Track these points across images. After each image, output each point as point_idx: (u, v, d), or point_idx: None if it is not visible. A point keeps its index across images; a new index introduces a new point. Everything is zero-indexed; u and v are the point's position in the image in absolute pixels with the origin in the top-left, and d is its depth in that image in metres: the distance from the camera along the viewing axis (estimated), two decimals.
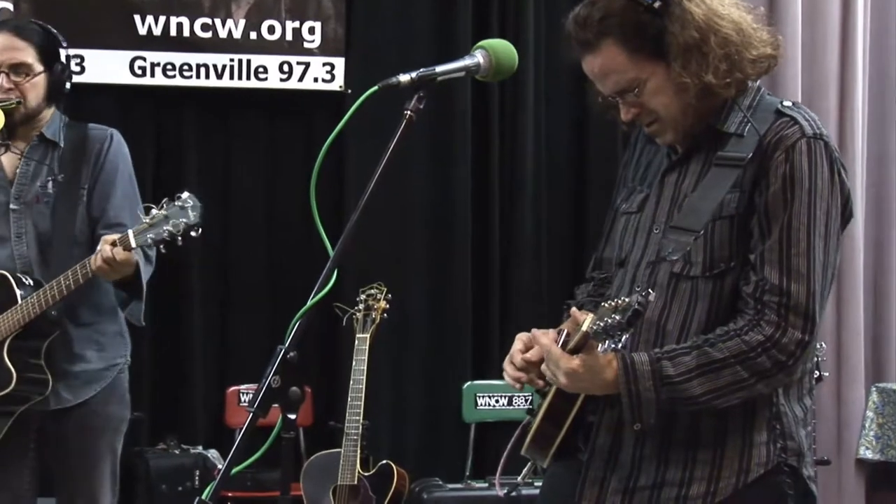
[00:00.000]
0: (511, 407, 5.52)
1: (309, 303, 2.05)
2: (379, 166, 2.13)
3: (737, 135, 2.29)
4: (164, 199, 3.24)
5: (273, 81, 5.60)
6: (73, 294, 3.38)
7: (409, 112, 2.16)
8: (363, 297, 4.96)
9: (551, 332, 2.38)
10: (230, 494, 5.14)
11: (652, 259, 2.34)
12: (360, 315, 4.91)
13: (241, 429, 2.01)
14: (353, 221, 2.11)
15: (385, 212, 5.54)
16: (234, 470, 2.01)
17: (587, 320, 2.18)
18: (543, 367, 2.28)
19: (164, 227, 3.21)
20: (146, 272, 3.47)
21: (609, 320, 2.07)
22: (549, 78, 5.90)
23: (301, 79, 5.63)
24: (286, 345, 2.04)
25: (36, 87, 3.52)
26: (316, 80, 5.64)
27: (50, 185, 3.53)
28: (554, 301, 5.66)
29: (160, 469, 5.17)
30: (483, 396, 5.55)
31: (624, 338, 2.12)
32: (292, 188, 5.67)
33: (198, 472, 5.19)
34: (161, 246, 3.26)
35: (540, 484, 2.61)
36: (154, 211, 3.23)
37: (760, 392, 2.24)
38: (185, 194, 3.23)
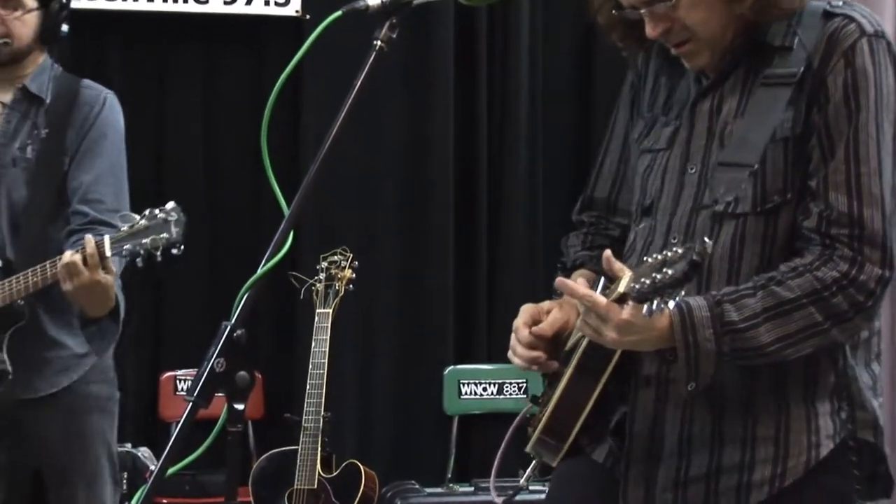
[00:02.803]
0: (501, 396, 5.54)
1: (259, 271, 2.05)
2: (343, 107, 2.12)
3: (783, 48, 2.27)
4: (148, 209, 3.33)
5: (215, 5, 5.58)
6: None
7: (379, 42, 2.15)
8: (324, 264, 4.96)
9: (582, 281, 2.36)
10: (165, 501, 5.16)
11: (691, 203, 2.32)
12: (320, 286, 4.92)
13: (179, 422, 2.02)
14: (313, 173, 2.11)
15: (351, 162, 5.54)
16: (170, 471, 2.01)
17: (625, 279, 2.15)
18: (580, 323, 2.25)
19: (143, 240, 3.31)
20: (122, 304, 3.53)
21: (659, 276, 2.02)
22: (546, 0, 5.90)
23: (249, 1, 5.60)
24: (232, 321, 2.04)
25: (26, 25, 3.61)
26: (267, 3, 5.62)
27: (29, 147, 3.60)
28: (552, 268, 5.66)
29: None
30: (468, 384, 5.57)
31: (675, 305, 2.08)
32: (239, 134, 5.65)
33: (126, 474, 5.19)
34: (137, 260, 3.36)
35: (541, 488, 2.61)
36: (136, 219, 3.32)
37: (835, 340, 2.23)
38: (171, 205, 3.34)
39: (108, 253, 3.30)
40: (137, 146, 5.60)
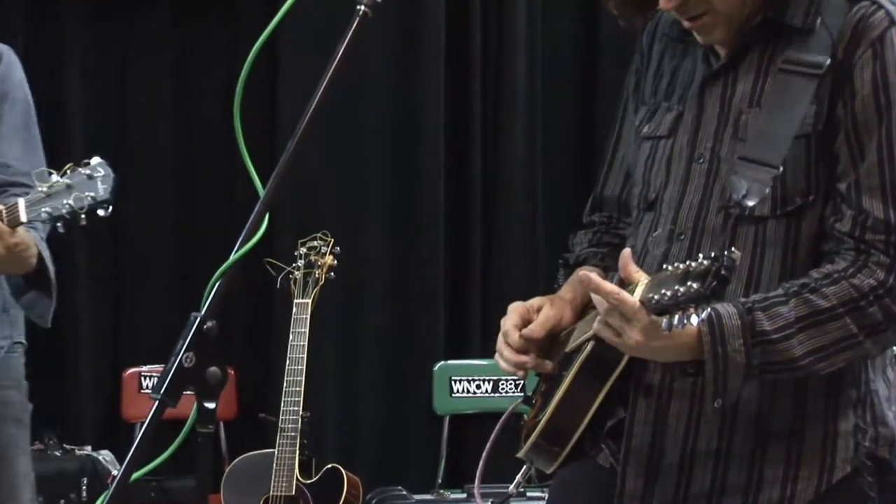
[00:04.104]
0: (496, 394, 5.54)
1: (232, 258, 2.05)
2: (323, 79, 2.12)
3: (804, 30, 2.26)
4: (69, 165, 3.22)
5: None
6: None
7: (362, 7, 2.15)
8: (303, 250, 4.96)
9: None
10: None
11: (700, 197, 2.31)
12: (298, 274, 4.91)
13: (143, 422, 2.02)
14: (290, 151, 2.10)
15: (332, 139, 5.53)
16: (134, 476, 2.01)
17: (640, 287, 2.13)
18: (598, 325, 2.22)
19: (65, 201, 3.18)
20: (46, 254, 3.45)
21: (682, 290, 1.99)
22: None
23: None
24: (202, 312, 2.04)
25: None
26: None
27: None
28: (553, 257, 5.66)
29: (37, 475, 5.16)
30: (460, 381, 5.57)
31: (705, 313, 2.03)
32: (210, 110, 5.65)
33: (86, 480, 5.20)
34: (59, 224, 3.24)
35: (535, 495, 2.62)
36: (54, 177, 3.20)
37: (867, 353, 2.24)
38: (96, 160, 3.23)
39: (23, 218, 3.18)
40: (100, 124, 5.65)
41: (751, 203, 2.23)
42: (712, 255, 1.98)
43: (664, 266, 2.09)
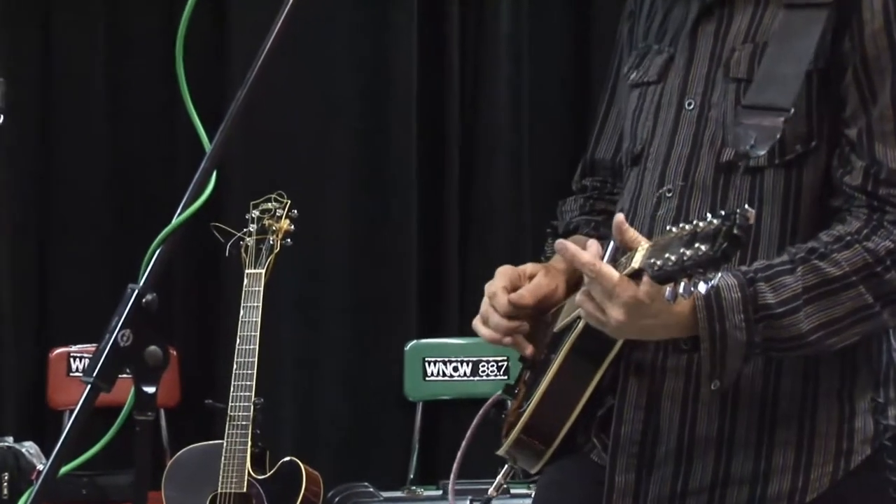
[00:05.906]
0: (476, 378, 5.56)
1: (174, 222, 2.05)
2: (278, 20, 2.12)
3: None
4: None
5: None
6: None
7: None
8: (256, 213, 4.96)
9: (593, 246, 2.33)
10: None
11: (689, 148, 2.31)
12: (250, 241, 4.91)
13: (73, 410, 2.02)
14: (240, 100, 2.10)
15: (290, 90, 5.53)
16: (63, 470, 2.01)
17: (640, 252, 2.11)
18: (580, 298, 2.21)
19: None
20: None
21: (689, 253, 1.97)
22: None
23: None
24: (141, 284, 2.03)
25: None
26: None
27: None
28: (541, 223, 5.67)
29: None
30: (435, 362, 5.59)
31: (717, 278, 2.01)
32: (148, 53, 5.64)
33: (7, 475, 5.20)
34: None
35: (520, 492, 2.63)
36: None
37: (885, 325, 2.25)
38: None
39: None
40: (20, 79, 5.62)
41: (761, 152, 2.22)
42: (723, 213, 1.97)
43: (668, 227, 2.09)
